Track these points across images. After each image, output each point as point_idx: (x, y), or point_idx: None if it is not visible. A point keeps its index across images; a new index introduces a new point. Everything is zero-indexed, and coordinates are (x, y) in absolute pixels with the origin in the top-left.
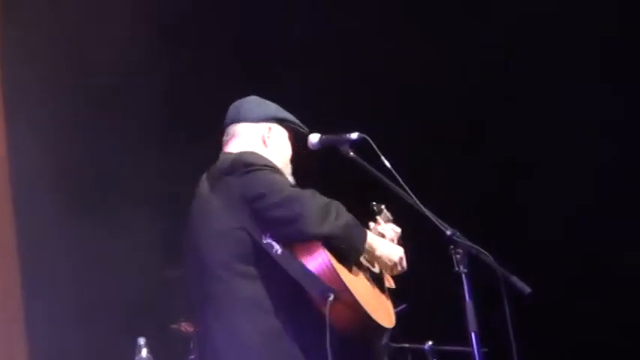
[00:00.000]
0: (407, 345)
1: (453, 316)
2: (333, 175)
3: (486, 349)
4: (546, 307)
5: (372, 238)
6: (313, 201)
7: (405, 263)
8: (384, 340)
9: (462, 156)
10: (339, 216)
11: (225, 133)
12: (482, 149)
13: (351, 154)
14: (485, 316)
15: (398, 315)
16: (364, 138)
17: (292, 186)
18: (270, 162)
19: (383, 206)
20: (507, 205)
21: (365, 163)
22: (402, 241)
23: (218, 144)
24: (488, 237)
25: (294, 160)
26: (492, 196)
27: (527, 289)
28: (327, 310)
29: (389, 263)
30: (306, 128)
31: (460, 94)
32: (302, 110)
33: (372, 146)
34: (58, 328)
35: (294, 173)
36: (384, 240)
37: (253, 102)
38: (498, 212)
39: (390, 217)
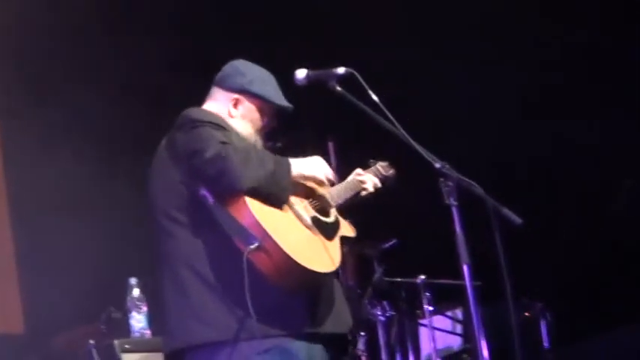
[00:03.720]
0: (400, 279)
1: (446, 250)
2: None
3: (479, 282)
4: (538, 237)
5: (295, 167)
6: (235, 156)
7: (328, 171)
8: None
9: None
10: (260, 164)
11: (210, 91)
12: None
13: (338, 88)
14: (479, 249)
15: (389, 250)
16: (351, 73)
17: (224, 142)
18: (217, 119)
19: (381, 164)
20: None
21: (353, 98)
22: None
23: None
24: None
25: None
26: None
27: (519, 220)
28: (244, 257)
29: (319, 178)
30: (282, 102)
31: None
32: None
33: (359, 81)
34: (50, 270)
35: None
36: (304, 160)
37: (233, 68)
38: None
39: (382, 173)
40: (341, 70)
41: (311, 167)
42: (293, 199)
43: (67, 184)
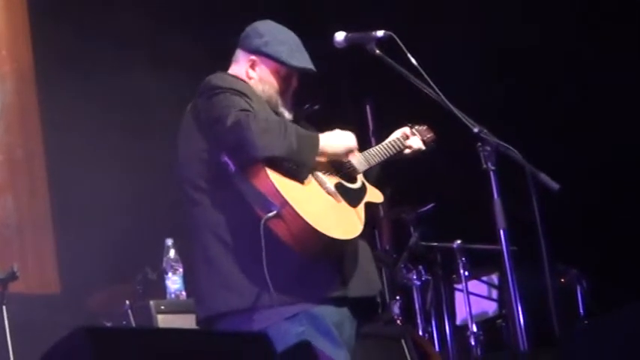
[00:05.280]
0: (436, 244)
1: (482, 215)
2: None
3: (515, 248)
4: (576, 204)
5: (324, 141)
6: (255, 124)
7: (352, 144)
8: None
9: None
10: (282, 135)
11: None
12: None
13: (377, 51)
14: (515, 214)
15: (425, 214)
16: (390, 35)
17: (245, 109)
18: (240, 85)
19: (417, 127)
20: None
21: (391, 61)
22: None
23: None
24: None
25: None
26: None
27: (556, 186)
28: (262, 224)
29: (345, 152)
30: (299, 63)
31: None
32: None
33: (399, 44)
34: (86, 230)
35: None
36: (333, 134)
37: (253, 29)
38: None
39: (421, 137)
40: (380, 33)
41: (335, 144)
42: (317, 167)
43: (105, 142)
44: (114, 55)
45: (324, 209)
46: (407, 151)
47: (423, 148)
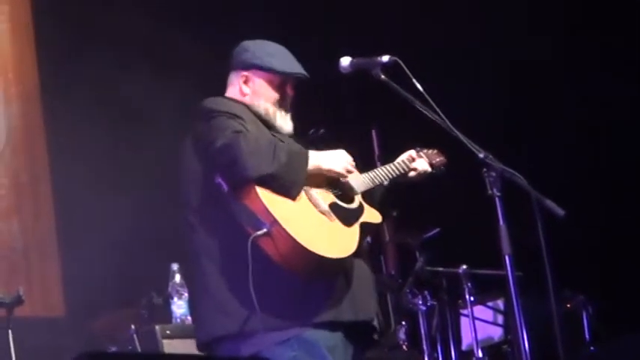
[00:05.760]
0: (441, 269)
1: (487, 240)
2: None
3: (521, 273)
4: (582, 231)
5: (314, 159)
6: (245, 145)
7: (348, 163)
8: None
9: None
10: (271, 155)
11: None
12: None
13: (383, 77)
14: (520, 240)
15: (431, 239)
16: (396, 61)
17: (237, 131)
18: (234, 107)
19: (425, 151)
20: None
21: (397, 86)
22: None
23: None
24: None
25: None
26: None
27: (562, 212)
28: (249, 242)
29: (336, 171)
30: (291, 70)
31: None
32: None
33: (404, 69)
34: (91, 254)
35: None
36: (324, 153)
37: (241, 47)
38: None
39: (430, 161)
40: (385, 58)
41: (330, 161)
42: (312, 185)
43: (111, 164)
44: (120, 72)
45: (315, 228)
46: (412, 173)
47: (429, 170)
